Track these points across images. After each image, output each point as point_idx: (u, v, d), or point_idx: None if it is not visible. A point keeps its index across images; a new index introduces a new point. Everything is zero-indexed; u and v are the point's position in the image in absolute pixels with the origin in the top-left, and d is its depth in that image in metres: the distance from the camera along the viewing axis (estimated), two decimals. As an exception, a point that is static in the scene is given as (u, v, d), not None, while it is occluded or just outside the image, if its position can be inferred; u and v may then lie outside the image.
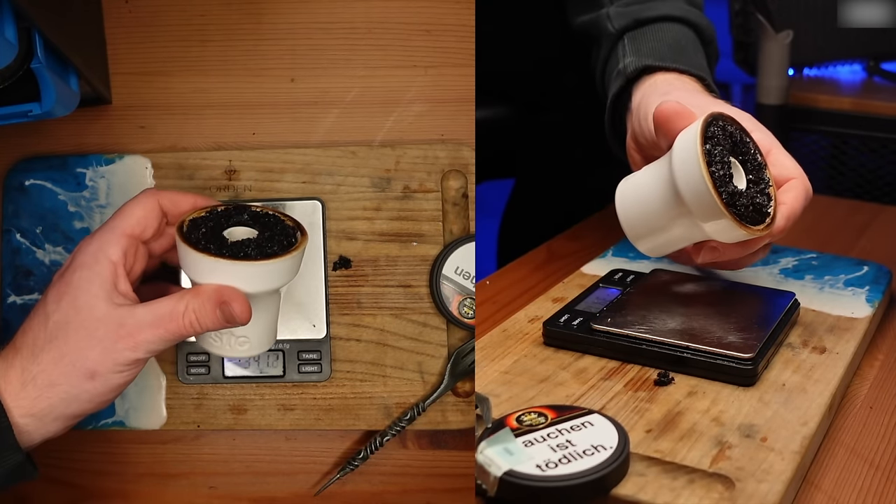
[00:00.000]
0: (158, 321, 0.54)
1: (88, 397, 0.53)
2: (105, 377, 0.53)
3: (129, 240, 0.56)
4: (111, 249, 0.55)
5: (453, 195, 0.71)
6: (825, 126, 1.39)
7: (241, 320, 0.55)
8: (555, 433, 0.50)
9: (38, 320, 0.54)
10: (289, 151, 0.71)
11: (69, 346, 0.53)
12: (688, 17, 0.78)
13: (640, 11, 0.78)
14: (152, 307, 0.54)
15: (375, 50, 0.73)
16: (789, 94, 1.37)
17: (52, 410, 0.53)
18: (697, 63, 0.75)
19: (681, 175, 0.59)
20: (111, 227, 0.57)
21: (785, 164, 0.64)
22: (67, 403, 0.53)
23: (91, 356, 0.53)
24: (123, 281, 0.55)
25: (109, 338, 0.53)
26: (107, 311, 0.53)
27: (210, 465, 0.70)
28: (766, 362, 0.60)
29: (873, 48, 1.45)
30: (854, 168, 1.41)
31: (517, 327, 0.66)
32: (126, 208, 0.58)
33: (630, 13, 0.78)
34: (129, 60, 0.73)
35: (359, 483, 0.70)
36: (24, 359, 0.53)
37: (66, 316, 0.53)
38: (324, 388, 0.68)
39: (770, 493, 0.48)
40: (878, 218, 0.95)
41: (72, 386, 0.53)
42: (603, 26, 0.80)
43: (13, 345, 0.54)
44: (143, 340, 0.54)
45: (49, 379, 0.52)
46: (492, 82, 0.92)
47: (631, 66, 0.74)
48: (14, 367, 0.52)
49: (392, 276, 0.69)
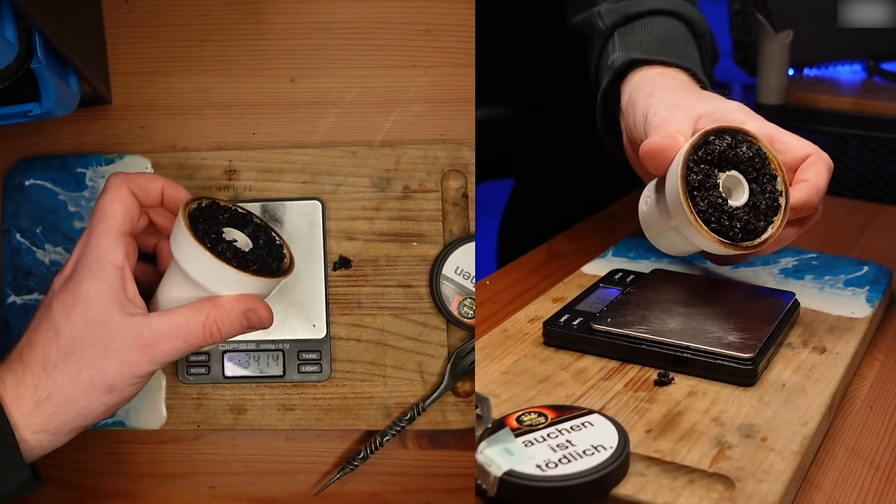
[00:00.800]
0: (177, 332, 0.53)
1: (104, 410, 0.53)
2: (122, 390, 0.53)
3: (125, 239, 0.55)
4: (113, 254, 0.54)
5: (453, 195, 0.71)
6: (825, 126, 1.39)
7: (268, 324, 0.56)
8: (555, 433, 0.50)
9: (47, 334, 0.52)
10: (289, 151, 0.71)
11: (86, 363, 0.52)
12: (678, 9, 0.78)
13: (629, 7, 0.78)
14: (168, 317, 0.54)
15: (375, 50, 0.73)
16: (789, 94, 1.37)
17: (67, 425, 0.52)
18: (687, 56, 0.74)
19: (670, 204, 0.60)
20: (103, 229, 0.55)
21: (794, 144, 0.63)
22: (83, 417, 0.52)
23: (109, 370, 0.52)
24: (131, 284, 0.54)
25: (128, 350, 0.52)
26: (121, 322, 0.52)
27: (210, 465, 0.70)
28: (766, 362, 0.60)
29: (873, 48, 1.45)
30: (854, 168, 1.41)
31: (517, 327, 0.66)
32: (106, 205, 0.56)
33: (620, 9, 0.78)
34: (128, 60, 0.73)
35: (359, 483, 0.70)
36: (35, 376, 0.51)
37: (79, 330, 0.52)
38: (324, 388, 0.68)
39: (770, 493, 0.48)
40: (878, 218, 0.95)
41: (89, 401, 0.52)
42: (595, 24, 0.80)
43: (21, 359, 0.52)
44: (161, 352, 0.53)
45: (66, 396, 0.51)
46: (492, 82, 0.92)
47: (618, 61, 0.74)
48: (26, 385, 0.51)
49: (392, 276, 0.69)
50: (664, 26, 0.77)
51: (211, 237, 0.56)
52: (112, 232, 0.55)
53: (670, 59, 0.72)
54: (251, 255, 0.57)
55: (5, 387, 0.51)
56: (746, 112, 0.65)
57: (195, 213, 0.57)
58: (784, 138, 0.63)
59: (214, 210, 0.58)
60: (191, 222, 0.55)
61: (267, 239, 0.59)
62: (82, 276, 0.53)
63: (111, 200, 0.56)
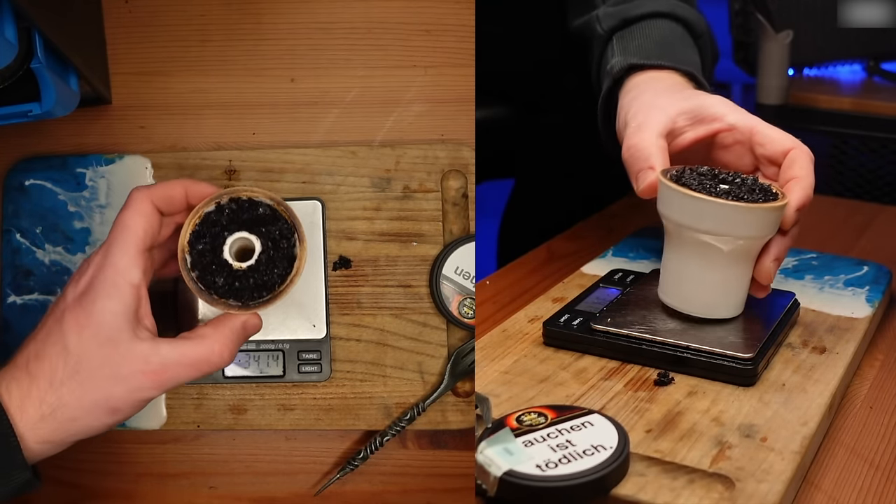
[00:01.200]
0: (185, 360, 0.54)
1: (106, 427, 0.53)
2: (125, 411, 0.53)
3: (144, 256, 0.54)
4: (131, 272, 0.53)
5: (453, 195, 0.71)
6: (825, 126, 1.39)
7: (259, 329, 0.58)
8: (555, 433, 0.50)
9: (55, 349, 0.52)
10: (289, 151, 0.71)
11: (93, 384, 0.52)
12: (675, 11, 0.78)
13: (627, 10, 0.78)
14: (177, 347, 0.54)
15: (375, 50, 0.73)
16: (789, 94, 1.37)
17: (69, 438, 0.52)
18: (685, 58, 0.74)
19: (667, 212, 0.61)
20: (123, 246, 0.54)
21: (775, 138, 0.64)
22: (85, 432, 0.53)
23: (115, 394, 0.52)
24: (145, 304, 0.54)
25: (135, 377, 0.52)
26: (130, 345, 0.52)
27: (210, 465, 0.70)
28: (766, 362, 0.60)
29: (873, 48, 1.45)
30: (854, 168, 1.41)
31: (517, 327, 0.66)
32: (128, 220, 0.55)
33: (618, 13, 0.78)
34: (128, 60, 0.73)
35: (359, 483, 0.70)
36: (41, 390, 0.51)
37: (89, 350, 0.52)
38: (324, 388, 0.68)
39: (770, 493, 0.48)
40: (878, 218, 0.95)
41: (92, 420, 0.52)
42: (594, 28, 0.80)
43: (27, 370, 0.52)
44: (168, 379, 0.53)
45: (70, 414, 0.51)
46: (492, 82, 0.92)
47: (617, 66, 0.74)
48: (31, 398, 0.51)
49: (392, 276, 0.69)
50: (662, 29, 0.77)
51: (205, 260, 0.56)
52: (132, 249, 0.54)
53: (668, 62, 0.73)
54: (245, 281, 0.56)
55: (10, 397, 0.51)
56: (728, 105, 0.66)
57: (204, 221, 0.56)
58: (765, 131, 0.64)
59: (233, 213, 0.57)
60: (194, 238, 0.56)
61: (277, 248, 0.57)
62: (98, 293, 0.53)
63: (133, 215, 0.55)
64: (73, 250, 0.70)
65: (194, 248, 0.56)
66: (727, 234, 0.59)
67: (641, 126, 0.66)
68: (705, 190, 0.60)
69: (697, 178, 0.61)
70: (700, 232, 0.60)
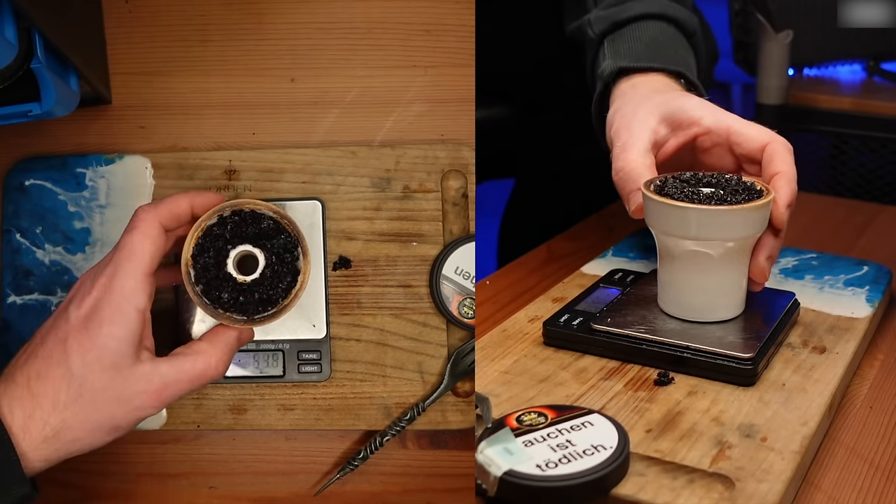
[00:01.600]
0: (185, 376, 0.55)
1: (105, 443, 0.54)
2: (126, 429, 0.54)
3: (150, 280, 0.54)
4: (137, 298, 0.53)
5: (453, 195, 0.71)
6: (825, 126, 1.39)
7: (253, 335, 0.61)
8: (555, 433, 0.50)
9: (59, 371, 0.52)
10: (289, 151, 0.71)
11: (96, 407, 0.52)
12: (666, 12, 0.78)
13: (617, 13, 0.78)
14: (176, 364, 0.54)
15: (375, 50, 0.73)
16: (789, 94, 1.37)
17: (69, 455, 0.53)
18: (676, 59, 0.74)
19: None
20: (130, 270, 0.53)
21: (749, 135, 0.64)
22: (85, 449, 0.53)
23: (118, 414, 0.53)
24: (148, 328, 0.55)
25: (137, 397, 0.53)
26: (132, 369, 0.53)
27: (210, 465, 0.70)
28: (766, 362, 0.60)
29: (873, 48, 1.45)
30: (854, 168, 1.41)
31: (517, 327, 0.66)
32: (136, 245, 0.54)
33: (608, 17, 0.78)
34: (128, 60, 0.73)
35: (359, 483, 0.70)
36: (45, 412, 0.51)
37: (92, 374, 0.52)
38: (324, 388, 0.68)
39: (770, 493, 0.48)
40: (878, 218, 0.95)
41: (94, 439, 0.53)
42: (585, 32, 0.80)
43: (29, 388, 0.52)
44: (168, 396, 0.54)
45: (73, 436, 0.52)
46: (492, 82, 0.92)
47: (607, 70, 0.74)
48: (34, 420, 0.51)
49: (392, 276, 0.69)
50: (652, 31, 0.77)
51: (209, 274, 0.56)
52: (139, 273, 0.53)
53: (658, 64, 0.73)
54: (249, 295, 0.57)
55: (13, 418, 0.51)
56: (705, 107, 0.66)
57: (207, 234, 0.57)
58: (741, 130, 0.64)
59: (236, 226, 0.57)
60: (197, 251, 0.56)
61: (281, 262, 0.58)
62: (103, 318, 0.52)
63: (142, 239, 0.54)
64: (73, 250, 0.70)
65: (198, 262, 0.56)
66: (713, 238, 0.60)
67: (626, 146, 0.66)
68: (687, 197, 0.60)
69: (680, 186, 0.61)
70: (688, 239, 0.60)
